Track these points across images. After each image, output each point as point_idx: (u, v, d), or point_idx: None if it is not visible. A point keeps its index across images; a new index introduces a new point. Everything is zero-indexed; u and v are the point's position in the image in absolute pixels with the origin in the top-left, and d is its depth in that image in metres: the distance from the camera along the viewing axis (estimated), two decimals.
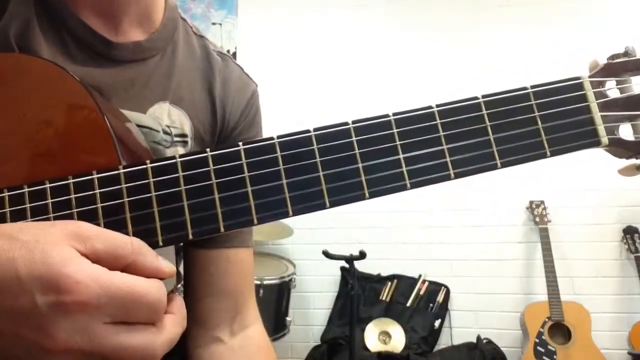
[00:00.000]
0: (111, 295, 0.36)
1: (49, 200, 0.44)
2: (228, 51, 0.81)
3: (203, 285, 0.73)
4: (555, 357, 2.41)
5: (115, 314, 0.36)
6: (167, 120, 0.68)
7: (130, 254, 0.38)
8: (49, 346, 0.35)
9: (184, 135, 0.70)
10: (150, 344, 0.38)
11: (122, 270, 0.38)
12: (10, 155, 0.49)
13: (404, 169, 0.43)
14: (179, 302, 0.42)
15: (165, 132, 0.68)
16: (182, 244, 0.72)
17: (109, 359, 0.37)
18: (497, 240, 2.84)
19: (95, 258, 0.37)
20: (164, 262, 0.40)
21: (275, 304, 2.49)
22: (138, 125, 0.65)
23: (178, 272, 1.05)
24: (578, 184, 2.80)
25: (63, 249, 0.36)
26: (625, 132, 0.43)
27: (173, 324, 0.40)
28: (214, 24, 3.37)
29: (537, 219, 2.73)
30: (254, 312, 0.77)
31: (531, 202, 2.79)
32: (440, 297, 2.82)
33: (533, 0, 3.04)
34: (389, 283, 2.89)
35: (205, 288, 0.73)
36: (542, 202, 2.78)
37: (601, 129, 0.43)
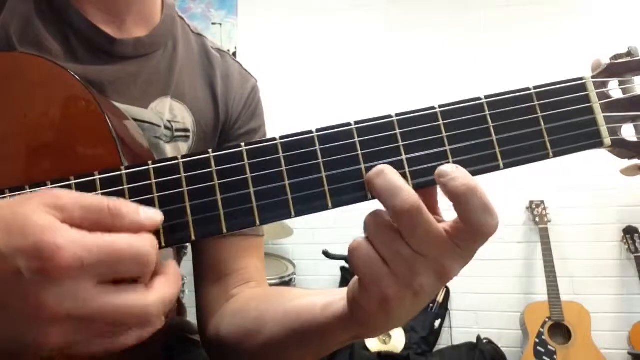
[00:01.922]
0: (95, 255, 0.35)
1: None
2: (228, 51, 0.82)
3: (213, 271, 0.72)
4: (555, 357, 2.41)
5: (102, 273, 0.36)
6: (168, 115, 0.69)
7: (107, 217, 0.38)
8: (40, 315, 0.35)
9: (185, 130, 0.70)
10: (140, 301, 0.37)
11: (105, 232, 0.37)
12: (12, 155, 0.49)
13: (407, 170, 0.42)
14: (172, 265, 0.42)
15: (166, 127, 0.68)
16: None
17: (101, 320, 0.36)
18: (496, 240, 2.83)
19: (75, 224, 0.36)
20: (146, 213, 0.39)
21: None
22: (139, 121, 0.66)
23: None
24: (578, 184, 2.80)
25: (41, 217, 0.35)
26: (628, 132, 0.43)
27: (165, 283, 0.39)
28: (214, 24, 3.37)
29: (537, 219, 2.73)
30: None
31: (531, 202, 2.79)
32: (440, 297, 2.81)
33: (533, 0, 3.04)
34: None
35: (215, 273, 0.72)
36: (542, 202, 2.78)
37: (604, 129, 0.43)
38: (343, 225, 2.94)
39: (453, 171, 0.39)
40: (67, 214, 0.36)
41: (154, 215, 0.40)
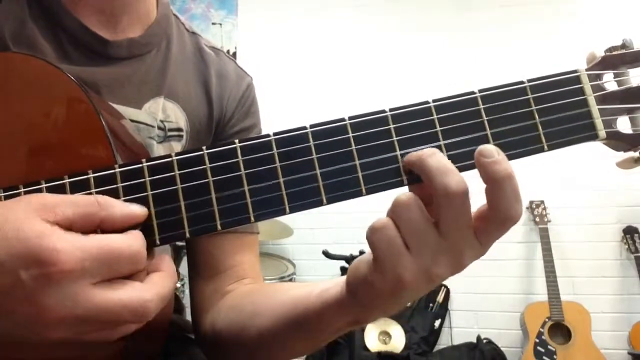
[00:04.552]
0: (94, 257, 0.36)
1: None
2: (228, 51, 0.81)
3: (208, 268, 0.72)
4: (555, 357, 2.40)
5: (100, 274, 0.37)
6: (161, 115, 0.69)
7: (100, 211, 0.39)
8: (43, 318, 0.36)
9: (179, 130, 0.70)
10: (138, 296, 0.38)
11: (96, 228, 0.39)
12: (7, 155, 0.49)
13: (401, 164, 0.42)
14: (166, 260, 0.43)
15: (159, 128, 0.68)
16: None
17: (103, 318, 0.37)
18: (496, 240, 2.83)
19: (67, 224, 0.38)
20: (135, 206, 0.41)
21: None
22: (134, 121, 0.66)
23: (177, 272, 1.04)
24: (578, 183, 2.80)
25: (34, 222, 0.36)
26: (623, 124, 0.43)
27: (162, 279, 0.41)
28: (214, 24, 3.37)
29: (537, 219, 2.72)
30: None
31: (531, 202, 2.79)
32: (440, 297, 2.81)
33: (533, 0, 3.04)
34: None
35: (209, 270, 0.72)
36: (542, 202, 2.77)
37: (599, 122, 0.43)
38: (343, 226, 2.95)
39: (497, 154, 0.39)
40: (59, 214, 0.37)
41: (140, 208, 0.42)
